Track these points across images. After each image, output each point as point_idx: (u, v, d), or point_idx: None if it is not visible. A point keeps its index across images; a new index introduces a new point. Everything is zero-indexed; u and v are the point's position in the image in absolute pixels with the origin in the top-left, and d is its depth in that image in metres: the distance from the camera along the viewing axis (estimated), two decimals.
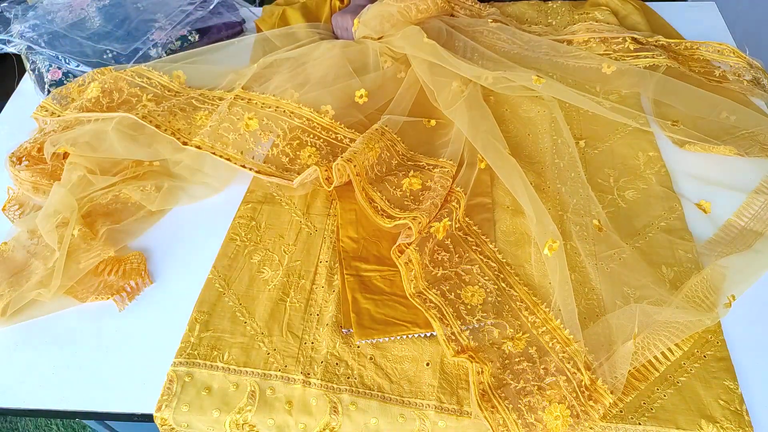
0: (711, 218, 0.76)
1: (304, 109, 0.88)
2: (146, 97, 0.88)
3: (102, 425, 0.91)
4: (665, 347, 0.61)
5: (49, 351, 0.69)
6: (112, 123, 0.82)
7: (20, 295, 0.70)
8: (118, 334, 0.69)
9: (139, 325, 0.70)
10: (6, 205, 0.82)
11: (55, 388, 0.66)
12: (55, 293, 0.70)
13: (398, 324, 0.66)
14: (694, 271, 0.69)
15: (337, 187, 0.80)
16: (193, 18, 1.04)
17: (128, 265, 0.75)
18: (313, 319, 0.69)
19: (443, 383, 0.63)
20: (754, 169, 0.80)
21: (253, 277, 0.73)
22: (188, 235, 0.79)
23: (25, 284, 0.71)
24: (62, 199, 0.75)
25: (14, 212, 0.82)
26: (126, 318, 0.71)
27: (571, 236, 0.74)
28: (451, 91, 0.89)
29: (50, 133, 0.85)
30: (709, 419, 0.58)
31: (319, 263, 0.74)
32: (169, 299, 0.72)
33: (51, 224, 0.73)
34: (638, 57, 0.93)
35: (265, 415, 0.61)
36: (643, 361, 0.61)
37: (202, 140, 0.82)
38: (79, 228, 0.74)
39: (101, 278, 0.73)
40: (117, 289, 0.72)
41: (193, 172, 0.84)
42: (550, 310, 0.66)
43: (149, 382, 0.64)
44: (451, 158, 0.82)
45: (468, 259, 0.72)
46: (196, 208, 0.82)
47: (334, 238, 0.76)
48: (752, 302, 0.68)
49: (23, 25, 0.97)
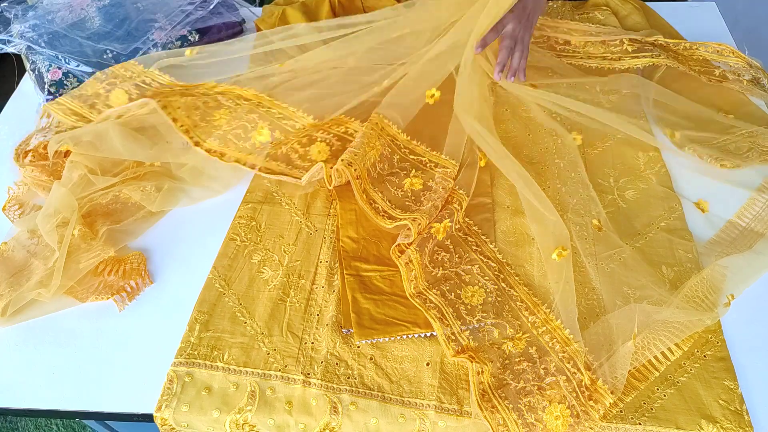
0: (711, 218, 0.76)
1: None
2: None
3: (102, 425, 0.91)
4: (665, 347, 0.61)
5: (49, 351, 0.69)
6: (113, 121, 0.82)
7: (20, 295, 0.70)
8: (118, 334, 0.69)
9: (139, 325, 0.70)
10: (6, 205, 0.82)
11: (55, 388, 0.66)
12: (54, 293, 0.70)
13: (398, 324, 0.66)
14: (694, 271, 0.69)
15: (337, 186, 0.80)
16: (193, 18, 1.04)
17: (128, 265, 0.74)
18: (313, 319, 0.69)
19: (443, 383, 0.63)
20: (755, 169, 0.80)
21: (253, 277, 0.73)
22: (188, 235, 0.79)
23: (25, 284, 0.71)
24: (62, 198, 0.75)
25: (14, 212, 0.82)
26: (126, 318, 0.71)
27: (571, 236, 0.74)
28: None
29: (59, 130, 0.85)
30: (709, 419, 0.58)
31: (319, 263, 0.74)
32: (169, 299, 0.72)
33: (51, 224, 0.73)
34: (637, 57, 0.93)
35: (265, 415, 0.61)
36: (643, 361, 0.61)
37: (211, 145, 0.81)
38: (79, 228, 0.74)
39: (101, 278, 0.73)
40: (117, 289, 0.72)
41: (196, 175, 0.83)
42: (550, 311, 0.66)
43: (149, 382, 0.64)
44: (452, 155, 0.82)
45: (468, 259, 0.72)
46: (196, 209, 0.82)
47: (334, 238, 0.76)
48: (752, 302, 0.68)
49: (23, 25, 0.97)
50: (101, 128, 0.82)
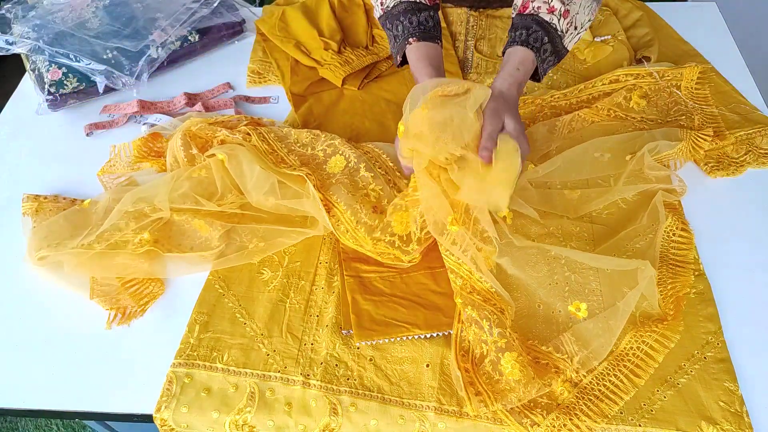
0: (710, 218, 0.76)
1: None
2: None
3: (102, 425, 0.91)
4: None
5: (49, 351, 0.69)
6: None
7: (62, 244, 0.72)
8: (118, 334, 0.69)
9: (139, 325, 0.70)
10: (106, 166, 0.85)
11: (55, 388, 0.66)
12: (79, 269, 0.71)
13: (398, 325, 0.66)
14: (695, 271, 0.69)
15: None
16: (198, 16, 1.04)
17: (147, 288, 0.73)
18: (312, 320, 0.69)
19: (443, 384, 0.62)
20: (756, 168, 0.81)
21: (253, 278, 0.73)
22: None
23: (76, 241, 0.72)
24: (161, 198, 0.74)
25: (110, 179, 0.85)
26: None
27: (572, 237, 0.74)
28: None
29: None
30: (710, 420, 0.58)
31: (318, 264, 0.74)
32: (169, 300, 0.72)
33: (130, 207, 0.74)
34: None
35: (264, 416, 0.61)
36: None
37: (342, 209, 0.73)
38: (148, 234, 0.72)
39: (120, 289, 0.72)
40: (120, 304, 0.71)
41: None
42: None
43: (149, 382, 0.64)
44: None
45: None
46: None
47: (333, 240, 0.76)
48: (752, 304, 0.68)
49: (25, 26, 0.97)
50: (251, 156, 0.77)
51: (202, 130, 0.81)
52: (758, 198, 0.78)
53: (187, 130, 0.82)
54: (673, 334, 0.63)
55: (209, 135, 0.81)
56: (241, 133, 0.81)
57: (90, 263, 0.72)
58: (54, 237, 0.74)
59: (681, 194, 0.77)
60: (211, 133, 0.81)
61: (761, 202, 0.78)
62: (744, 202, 0.78)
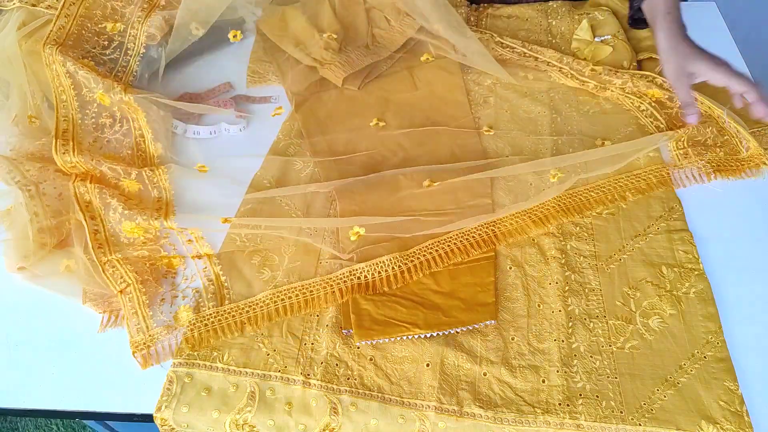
0: (710, 217, 0.76)
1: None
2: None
3: (102, 425, 0.92)
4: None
5: (49, 351, 0.69)
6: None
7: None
8: (118, 334, 0.69)
9: None
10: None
11: (55, 388, 0.66)
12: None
13: (398, 325, 0.66)
14: (695, 271, 0.69)
15: (337, 187, 0.80)
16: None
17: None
18: (313, 320, 0.69)
19: (443, 384, 0.63)
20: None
21: (253, 278, 0.73)
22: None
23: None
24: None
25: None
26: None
27: (571, 237, 0.74)
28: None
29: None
30: (710, 420, 0.58)
31: (318, 264, 0.74)
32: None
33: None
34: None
35: (265, 416, 0.61)
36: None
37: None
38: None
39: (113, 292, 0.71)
40: (114, 307, 0.70)
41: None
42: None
43: (149, 382, 0.64)
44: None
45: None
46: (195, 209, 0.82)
47: (334, 239, 0.76)
48: (752, 302, 0.68)
49: None
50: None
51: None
52: (758, 198, 0.78)
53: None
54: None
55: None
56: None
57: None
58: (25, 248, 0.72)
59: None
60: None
61: (761, 201, 0.78)
62: (744, 202, 0.78)
